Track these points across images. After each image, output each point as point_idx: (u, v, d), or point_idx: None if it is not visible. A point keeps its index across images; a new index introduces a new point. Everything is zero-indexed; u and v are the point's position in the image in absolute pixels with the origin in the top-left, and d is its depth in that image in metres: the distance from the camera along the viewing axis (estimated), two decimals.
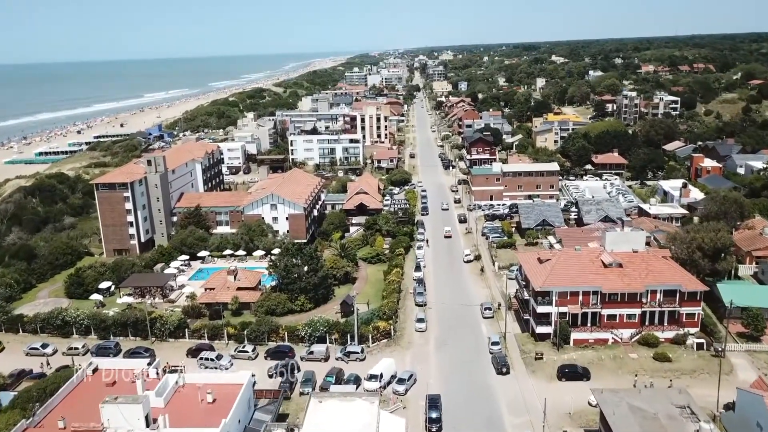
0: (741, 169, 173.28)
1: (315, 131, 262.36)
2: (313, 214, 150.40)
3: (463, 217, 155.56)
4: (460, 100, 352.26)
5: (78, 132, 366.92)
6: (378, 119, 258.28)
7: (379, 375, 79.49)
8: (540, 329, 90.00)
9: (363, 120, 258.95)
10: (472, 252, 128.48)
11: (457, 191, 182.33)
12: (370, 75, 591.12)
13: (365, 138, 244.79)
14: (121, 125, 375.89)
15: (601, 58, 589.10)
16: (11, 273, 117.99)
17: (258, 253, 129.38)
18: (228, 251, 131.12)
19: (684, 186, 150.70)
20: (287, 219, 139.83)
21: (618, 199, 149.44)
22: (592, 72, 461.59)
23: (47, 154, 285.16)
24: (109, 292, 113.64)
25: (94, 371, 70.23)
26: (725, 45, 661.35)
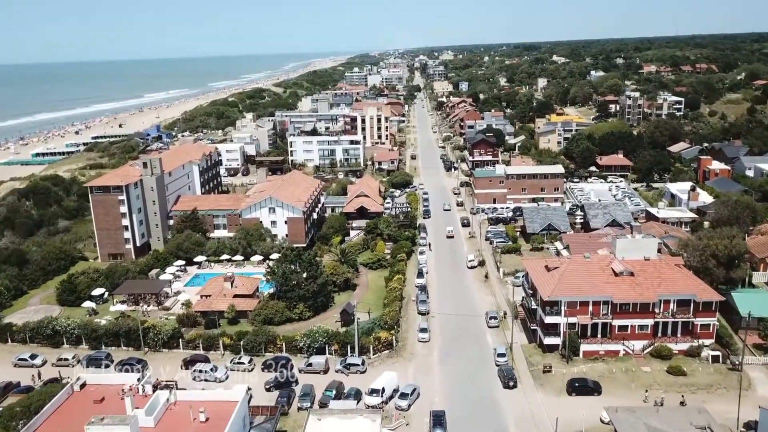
0: (750, 172, 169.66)
1: (315, 132, 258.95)
2: (313, 217, 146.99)
3: (466, 221, 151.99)
4: (461, 100, 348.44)
5: (76, 132, 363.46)
6: (378, 120, 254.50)
7: (381, 389, 76.21)
8: (548, 340, 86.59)
9: (363, 121, 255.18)
10: (475, 257, 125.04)
11: (460, 194, 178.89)
12: (370, 75, 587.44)
13: (365, 139, 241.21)
14: (120, 126, 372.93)
15: (602, 58, 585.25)
16: (2, 279, 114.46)
17: (256, 258, 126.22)
18: (225, 256, 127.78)
19: (692, 189, 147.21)
20: (286, 223, 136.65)
21: (625, 203, 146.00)
22: (593, 72, 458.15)
23: (44, 155, 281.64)
24: (102, 299, 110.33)
25: (81, 386, 66.80)
26: (726, 45, 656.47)
